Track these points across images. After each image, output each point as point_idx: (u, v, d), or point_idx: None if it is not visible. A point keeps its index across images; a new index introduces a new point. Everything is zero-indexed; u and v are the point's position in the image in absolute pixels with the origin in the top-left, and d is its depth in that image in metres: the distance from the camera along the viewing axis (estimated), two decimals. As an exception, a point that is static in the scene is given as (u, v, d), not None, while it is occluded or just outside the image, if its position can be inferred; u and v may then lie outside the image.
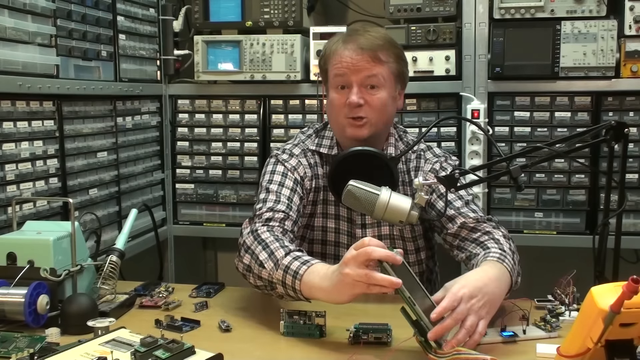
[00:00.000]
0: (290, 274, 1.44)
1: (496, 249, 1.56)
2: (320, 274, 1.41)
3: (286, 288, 1.46)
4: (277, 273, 1.47)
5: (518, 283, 1.58)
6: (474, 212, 1.72)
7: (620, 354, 1.06)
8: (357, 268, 1.30)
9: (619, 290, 1.00)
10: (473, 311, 1.30)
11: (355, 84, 1.70)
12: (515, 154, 2.10)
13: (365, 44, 1.70)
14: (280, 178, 1.78)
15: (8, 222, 1.76)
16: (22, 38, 1.85)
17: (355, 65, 1.69)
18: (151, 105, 2.65)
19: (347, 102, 1.70)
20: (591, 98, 2.45)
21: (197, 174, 2.75)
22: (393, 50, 1.74)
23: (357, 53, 1.69)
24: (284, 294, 1.49)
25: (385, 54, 1.71)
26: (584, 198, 2.47)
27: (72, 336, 1.42)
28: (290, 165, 1.81)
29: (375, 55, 1.69)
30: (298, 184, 1.78)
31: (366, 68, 1.69)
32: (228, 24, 2.67)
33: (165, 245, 2.77)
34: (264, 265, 1.50)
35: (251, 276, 1.55)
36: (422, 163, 1.84)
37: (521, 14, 2.41)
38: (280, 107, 2.67)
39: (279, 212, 1.67)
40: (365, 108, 1.70)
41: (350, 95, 1.70)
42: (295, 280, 1.43)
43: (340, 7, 3.01)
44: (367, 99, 1.70)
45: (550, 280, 1.61)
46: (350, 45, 1.71)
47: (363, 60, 1.69)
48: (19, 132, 1.88)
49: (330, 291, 1.37)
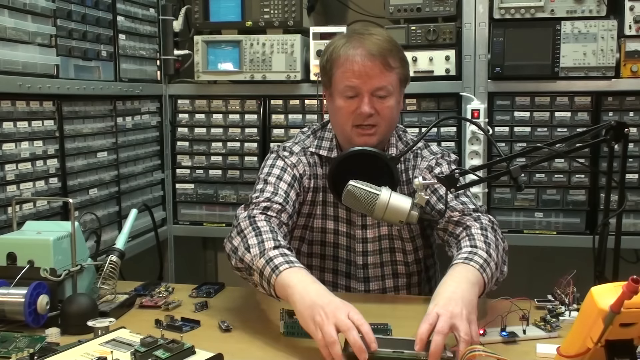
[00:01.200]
0: (271, 267, 1.42)
1: (467, 248, 1.53)
2: (301, 280, 1.37)
3: (262, 278, 1.44)
4: (259, 261, 1.45)
5: (504, 272, 1.58)
6: (463, 204, 1.69)
7: (620, 354, 1.06)
8: (333, 332, 1.24)
9: (619, 290, 1.00)
10: (457, 318, 1.26)
11: (366, 93, 1.67)
12: (515, 154, 2.10)
13: (375, 50, 1.65)
14: (279, 172, 1.77)
15: (8, 222, 1.76)
16: (22, 38, 1.85)
17: (367, 74, 1.65)
18: (151, 105, 2.65)
19: (357, 111, 1.68)
20: (591, 98, 2.45)
21: (197, 174, 2.75)
22: (399, 54, 1.71)
23: (369, 59, 1.65)
24: (258, 284, 1.47)
25: (393, 59, 1.68)
26: (584, 198, 2.47)
27: (72, 336, 1.42)
28: (290, 162, 1.80)
29: (386, 62, 1.66)
30: (296, 180, 1.77)
31: (377, 76, 1.66)
32: (228, 24, 2.67)
33: (165, 245, 2.77)
34: (249, 249, 1.49)
35: (235, 258, 1.54)
36: (419, 161, 1.83)
37: (521, 14, 2.41)
38: (280, 107, 2.67)
39: (276, 204, 1.66)
40: (375, 117, 1.68)
41: (361, 106, 1.66)
42: (272, 275, 1.41)
43: (340, 7, 3.01)
44: (377, 108, 1.68)
45: (550, 280, 1.61)
46: (359, 51, 1.66)
47: (375, 68, 1.65)
48: (19, 132, 1.88)
49: (301, 307, 1.32)
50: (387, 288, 1.86)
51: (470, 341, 1.24)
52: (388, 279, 1.86)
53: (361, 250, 1.83)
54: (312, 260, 1.87)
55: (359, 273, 1.84)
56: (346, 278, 1.86)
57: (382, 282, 1.85)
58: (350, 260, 1.85)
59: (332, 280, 1.87)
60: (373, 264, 1.84)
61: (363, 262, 1.84)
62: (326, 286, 1.82)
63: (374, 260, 1.84)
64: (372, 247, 1.83)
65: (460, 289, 1.35)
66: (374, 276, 1.85)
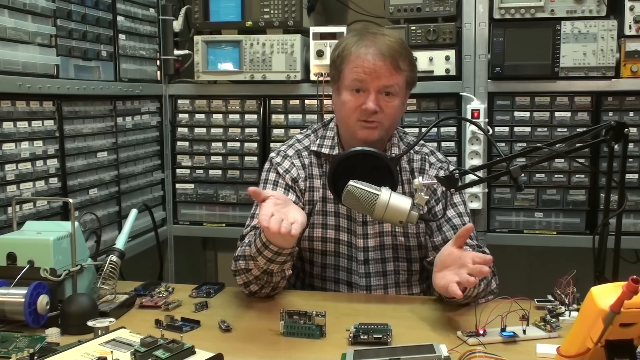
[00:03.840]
0: (257, 234, 1.58)
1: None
2: None
3: (255, 244, 1.56)
4: (254, 243, 1.58)
5: (481, 298, 1.65)
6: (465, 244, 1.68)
7: (620, 354, 1.06)
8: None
9: (619, 290, 1.00)
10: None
11: (373, 90, 1.71)
12: (515, 154, 2.10)
13: (386, 50, 1.69)
14: (271, 187, 1.83)
15: (8, 222, 1.76)
16: (22, 38, 1.85)
17: (377, 72, 1.69)
18: (151, 105, 2.65)
19: (362, 107, 1.71)
20: (591, 98, 2.45)
21: (197, 174, 2.75)
22: (409, 57, 1.76)
23: (379, 59, 1.69)
24: (257, 255, 1.57)
25: (404, 62, 1.73)
26: (584, 198, 2.48)
27: (72, 336, 1.42)
28: (282, 170, 1.85)
29: (396, 64, 1.70)
30: (289, 189, 1.83)
31: (386, 76, 1.70)
32: (228, 24, 2.67)
33: (165, 245, 2.77)
34: (250, 245, 1.61)
35: (238, 262, 1.66)
36: (427, 166, 1.86)
37: (521, 14, 2.42)
38: (280, 107, 2.67)
39: None
40: (379, 114, 1.72)
41: (367, 102, 1.71)
42: (261, 234, 1.54)
43: (340, 7, 3.01)
44: (382, 105, 1.72)
45: (550, 280, 1.61)
46: (371, 50, 1.70)
47: (385, 67, 1.69)
48: (19, 132, 1.88)
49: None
50: (389, 284, 1.87)
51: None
52: (389, 275, 1.87)
53: (362, 246, 1.84)
54: (314, 256, 1.88)
55: (360, 269, 1.85)
56: (347, 273, 1.86)
57: (383, 277, 1.86)
58: (351, 256, 1.85)
59: (333, 276, 1.87)
60: (374, 260, 1.85)
61: (364, 257, 1.85)
62: (328, 281, 1.88)
63: (374, 256, 1.85)
64: (373, 243, 1.84)
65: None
66: (375, 272, 1.86)
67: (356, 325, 1.42)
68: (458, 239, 1.52)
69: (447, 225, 1.79)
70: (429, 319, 1.56)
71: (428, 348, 1.26)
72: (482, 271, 1.41)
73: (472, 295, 1.58)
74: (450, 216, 1.80)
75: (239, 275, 1.68)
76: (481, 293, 1.62)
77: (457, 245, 1.52)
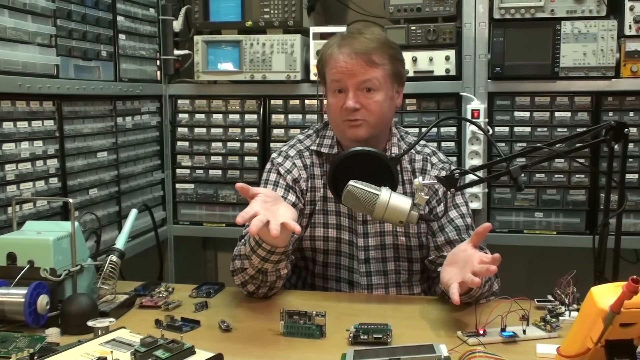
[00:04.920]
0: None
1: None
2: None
3: (249, 243, 1.57)
4: (246, 246, 1.60)
5: (484, 296, 1.64)
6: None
7: (620, 354, 1.06)
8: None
9: (619, 290, 1.00)
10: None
11: (351, 88, 1.73)
12: (515, 154, 2.10)
13: (359, 48, 1.73)
14: (271, 188, 1.83)
15: (8, 222, 1.76)
16: (22, 38, 1.85)
17: (350, 70, 1.72)
18: (151, 105, 2.66)
19: (343, 106, 1.74)
20: (591, 98, 2.45)
21: (197, 174, 2.75)
22: (388, 51, 1.76)
23: (351, 57, 1.72)
24: (251, 254, 1.57)
25: (379, 56, 1.74)
26: (584, 198, 2.48)
27: (72, 336, 1.41)
28: (284, 170, 1.85)
29: (369, 59, 1.72)
30: (290, 190, 1.83)
31: (360, 72, 1.72)
32: (228, 24, 2.67)
33: (165, 245, 2.77)
34: (244, 244, 1.62)
35: (235, 262, 1.67)
36: (429, 167, 1.87)
37: (521, 14, 2.42)
38: (280, 107, 2.68)
39: None
40: (362, 111, 1.74)
41: (346, 100, 1.73)
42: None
43: (340, 7, 3.01)
44: (363, 102, 1.73)
45: (550, 280, 1.61)
46: (344, 50, 1.74)
47: (357, 65, 1.72)
48: (19, 132, 1.88)
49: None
50: (389, 283, 1.87)
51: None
52: (390, 274, 1.87)
53: (363, 245, 1.84)
54: (315, 255, 1.88)
55: (361, 267, 1.85)
56: (349, 272, 1.87)
57: (384, 276, 1.86)
58: (352, 254, 1.86)
59: (335, 275, 1.88)
60: (375, 259, 1.85)
61: (365, 256, 1.85)
62: (329, 280, 1.89)
63: (375, 255, 1.85)
64: (374, 242, 1.85)
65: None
66: (375, 271, 1.86)
67: (356, 325, 1.42)
68: (475, 237, 1.54)
69: (449, 226, 1.79)
70: (429, 319, 1.56)
71: (428, 348, 1.26)
72: (490, 270, 1.41)
73: (475, 296, 1.58)
74: (452, 217, 1.80)
75: (236, 274, 1.69)
76: (484, 294, 1.63)
77: (473, 243, 1.54)
